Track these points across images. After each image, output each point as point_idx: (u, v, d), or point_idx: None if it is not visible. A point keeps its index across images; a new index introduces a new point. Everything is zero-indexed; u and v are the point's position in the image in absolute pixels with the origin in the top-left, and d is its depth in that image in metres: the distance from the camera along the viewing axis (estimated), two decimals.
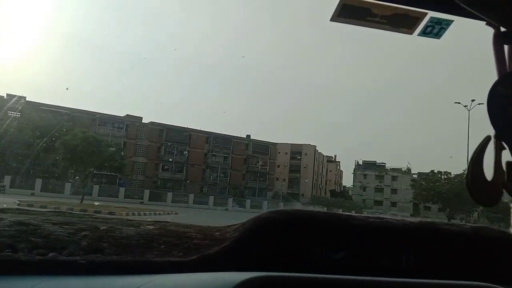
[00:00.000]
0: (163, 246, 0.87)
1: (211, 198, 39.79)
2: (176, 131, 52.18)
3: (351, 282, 0.74)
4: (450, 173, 48.71)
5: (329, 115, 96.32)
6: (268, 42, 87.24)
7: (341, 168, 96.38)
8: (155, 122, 50.77)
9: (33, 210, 1.22)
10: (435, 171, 49.55)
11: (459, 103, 42.81)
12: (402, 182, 69.96)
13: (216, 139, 55.89)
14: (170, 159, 51.31)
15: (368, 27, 1.01)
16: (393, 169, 72.09)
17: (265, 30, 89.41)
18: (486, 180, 0.87)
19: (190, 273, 0.77)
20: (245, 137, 59.58)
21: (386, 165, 73.67)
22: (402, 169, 71.70)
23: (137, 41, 76.90)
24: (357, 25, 1.00)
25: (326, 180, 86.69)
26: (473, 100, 41.12)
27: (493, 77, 0.85)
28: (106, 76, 70.36)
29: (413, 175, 70.73)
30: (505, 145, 0.88)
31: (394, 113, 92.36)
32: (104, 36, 73.09)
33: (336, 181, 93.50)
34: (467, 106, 41.28)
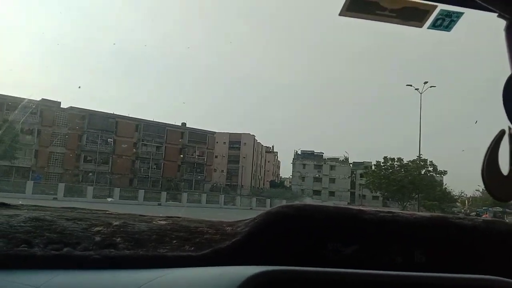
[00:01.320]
0: (175, 241, 0.89)
1: (141, 192, 35.26)
2: (101, 118, 46.39)
3: (362, 276, 0.74)
4: (402, 159, 47.00)
5: (266, 105, 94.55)
6: (206, 30, 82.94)
7: (278, 159, 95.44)
8: (75, 107, 44.69)
9: (48, 207, 1.19)
10: (388, 157, 47.61)
11: (410, 85, 40.83)
12: (340, 171, 69.99)
13: (147, 127, 50.93)
14: (94, 149, 45.70)
15: (378, 20, 1.01)
16: (331, 159, 71.91)
17: (202, 19, 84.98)
18: (502, 174, 0.86)
19: (202, 267, 0.79)
20: (180, 125, 55.27)
21: (324, 155, 73.35)
22: (340, 159, 71.74)
23: (57, 23, 68.88)
24: (366, 19, 1.00)
25: (264, 171, 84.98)
26: (425, 83, 39.86)
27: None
28: (24, 58, 61.90)
29: (350, 164, 71.22)
30: None
31: (332, 103, 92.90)
32: (21, 16, 64.32)
33: (274, 172, 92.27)
34: (418, 89, 39.85)
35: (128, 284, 0.71)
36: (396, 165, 46.95)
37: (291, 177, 73.30)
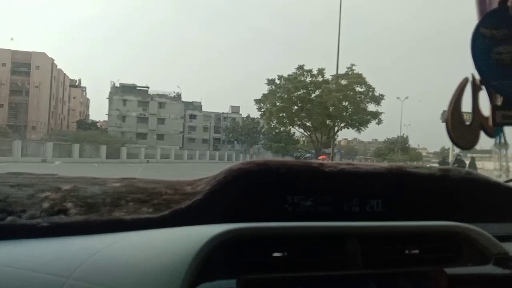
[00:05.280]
0: (131, 203, 0.84)
1: None
2: None
3: (324, 228, 0.77)
4: (324, 71, 31.66)
5: (65, 19, 72.39)
6: None
7: (87, 96, 76.65)
8: None
9: None
10: (304, 67, 31.68)
11: None
12: (171, 109, 57.38)
13: None
14: None
15: None
16: (160, 95, 58.33)
17: None
18: (465, 123, 0.90)
19: (161, 229, 0.76)
20: None
21: (149, 90, 59.05)
22: (170, 95, 58.76)
23: None
24: None
25: (69, 110, 65.51)
26: None
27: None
28: None
29: (182, 102, 59.21)
30: (483, 87, 0.90)
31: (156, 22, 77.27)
32: None
33: (82, 112, 73.58)
34: None
35: (83, 250, 0.66)
36: (314, 82, 31.42)
37: (107, 115, 56.59)
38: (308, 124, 32.54)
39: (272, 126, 33.80)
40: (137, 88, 58.44)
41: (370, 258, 0.75)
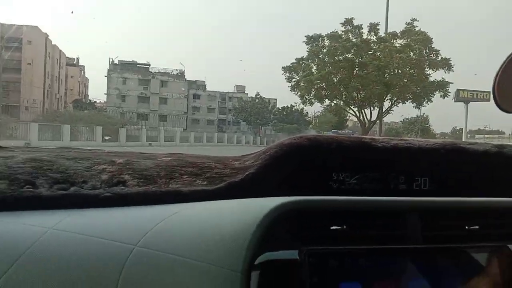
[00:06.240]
0: (185, 176, 0.85)
1: None
2: None
3: (384, 203, 0.75)
4: (378, 27, 24.24)
5: None
6: None
7: (86, 76, 73.07)
8: None
9: (43, 147, 1.11)
10: (353, 22, 24.01)
11: None
12: (174, 88, 53.86)
13: None
14: None
15: None
16: (162, 72, 54.70)
17: None
18: None
19: (220, 200, 0.76)
20: None
21: (151, 67, 55.41)
22: (172, 73, 55.13)
23: None
24: None
25: (66, 89, 62.06)
26: None
27: None
28: None
29: (185, 80, 55.61)
30: None
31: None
32: None
33: (81, 92, 70.11)
34: None
35: (147, 219, 0.67)
36: (366, 41, 23.95)
37: (105, 95, 53.13)
38: (355, 97, 24.60)
39: (307, 100, 25.43)
40: (138, 65, 54.85)
41: (430, 234, 0.74)
